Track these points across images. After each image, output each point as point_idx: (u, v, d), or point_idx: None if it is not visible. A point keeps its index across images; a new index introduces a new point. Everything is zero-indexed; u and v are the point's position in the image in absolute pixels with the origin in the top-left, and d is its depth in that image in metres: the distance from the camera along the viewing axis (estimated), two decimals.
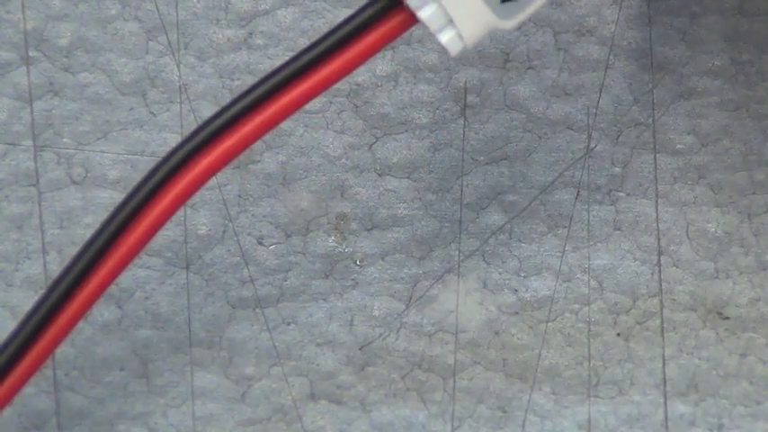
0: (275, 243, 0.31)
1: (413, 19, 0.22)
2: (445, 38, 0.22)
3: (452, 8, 0.22)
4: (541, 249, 0.32)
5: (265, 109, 0.22)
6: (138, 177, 0.31)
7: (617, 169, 0.31)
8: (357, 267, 0.31)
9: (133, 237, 0.23)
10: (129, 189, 0.31)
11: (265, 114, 0.22)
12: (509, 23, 0.22)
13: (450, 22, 0.22)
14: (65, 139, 0.31)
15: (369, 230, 0.31)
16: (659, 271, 0.32)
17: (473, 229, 0.31)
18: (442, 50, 0.31)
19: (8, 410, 0.31)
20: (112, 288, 0.31)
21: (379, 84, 0.31)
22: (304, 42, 0.31)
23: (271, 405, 0.32)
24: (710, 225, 0.32)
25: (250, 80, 0.31)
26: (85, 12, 0.30)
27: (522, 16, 0.22)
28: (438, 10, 0.22)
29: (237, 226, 0.31)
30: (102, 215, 0.31)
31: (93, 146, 0.31)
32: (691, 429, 0.32)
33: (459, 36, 0.22)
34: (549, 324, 0.32)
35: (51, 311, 0.23)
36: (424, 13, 0.22)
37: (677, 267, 0.32)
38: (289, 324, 0.32)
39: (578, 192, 0.31)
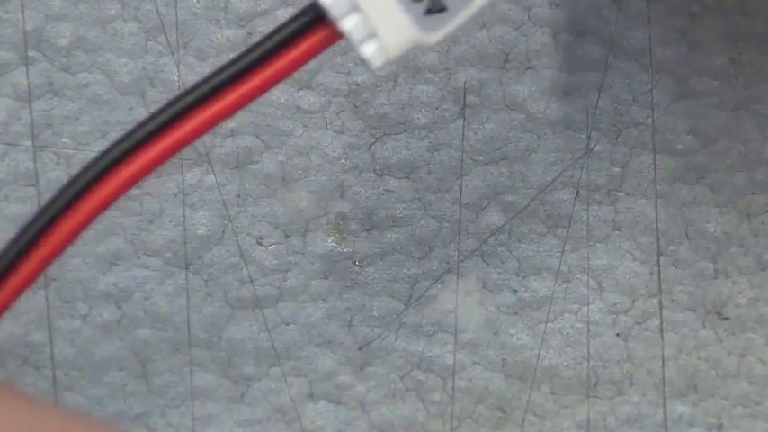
0: (274, 243, 0.31)
1: (336, 35, 0.22)
2: (367, 51, 0.22)
3: (375, 20, 0.21)
4: (541, 249, 0.32)
5: (180, 127, 0.22)
6: None
7: (616, 169, 0.31)
8: (356, 267, 0.31)
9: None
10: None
11: (178, 134, 0.22)
12: (432, 38, 0.21)
13: (373, 34, 0.22)
14: (64, 140, 0.31)
15: (368, 231, 0.31)
16: (658, 271, 0.32)
17: (472, 230, 0.31)
18: (440, 50, 0.31)
19: None
20: (111, 288, 0.31)
21: (379, 84, 0.31)
22: None
23: (270, 405, 0.32)
24: (710, 225, 0.32)
25: None
26: (85, 12, 0.30)
27: (445, 30, 0.22)
28: (360, 21, 0.21)
29: (237, 226, 0.31)
30: (101, 215, 0.31)
31: (92, 146, 0.31)
32: (690, 429, 0.32)
33: (382, 49, 0.22)
34: (549, 324, 0.32)
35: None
36: (347, 24, 0.21)
37: (676, 267, 0.32)
38: (288, 324, 0.32)
39: (577, 192, 0.31)
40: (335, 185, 0.31)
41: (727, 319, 0.32)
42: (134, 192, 0.31)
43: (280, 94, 0.31)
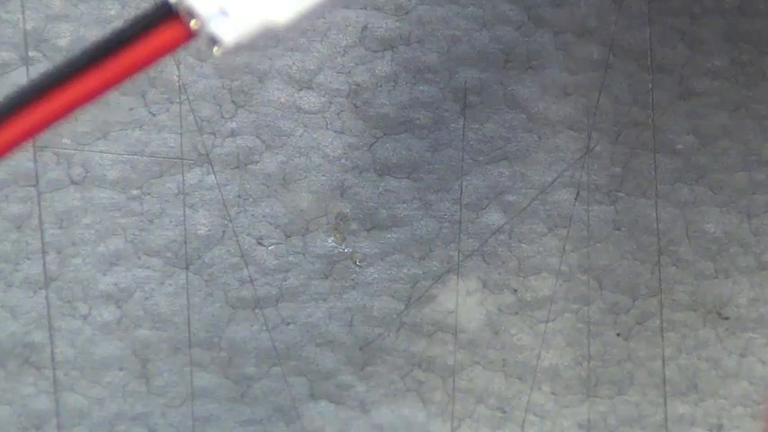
0: (275, 243, 0.31)
1: (188, 31, 0.21)
2: (217, 27, 0.21)
3: None
4: (541, 249, 0.32)
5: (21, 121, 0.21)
6: (137, 177, 0.31)
7: (617, 169, 0.31)
8: (356, 268, 0.31)
9: None
10: (129, 189, 0.31)
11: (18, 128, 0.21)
12: (282, 16, 0.21)
13: (223, 12, 0.21)
14: (64, 140, 0.31)
15: (368, 231, 0.31)
16: (659, 271, 0.32)
17: (473, 230, 0.31)
18: (441, 50, 0.31)
19: (8, 410, 0.31)
20: (112, 288, 0.31)
21: (379, 84, 0.31)
22: (303, 42, 0.30)
23: (270, 405, 0.32)
24: (710, 225, 0.32)
25: (249, 80, 0.30)
26: (85, 12, 0.30)
27: (296, 9, 0.21)
28: None
29: (237, 226, 0.31)
30: (102, 215, 0.31)
31: (92, 146, 0.31)
32: (690, 429, 0.32)
33: (232, 25, 0.21)
34: (549, 324, 0.32)
35: None
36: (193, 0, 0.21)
37: (677, 267, 0.32)
38: (288, 324, 0.32)
39: (578, 192, 0.31)
40: (336, 185, 0.31)
41: (727, 318, 0.32)
42: (134, 192, 0.31)
43: (280, 94, 0.31)
